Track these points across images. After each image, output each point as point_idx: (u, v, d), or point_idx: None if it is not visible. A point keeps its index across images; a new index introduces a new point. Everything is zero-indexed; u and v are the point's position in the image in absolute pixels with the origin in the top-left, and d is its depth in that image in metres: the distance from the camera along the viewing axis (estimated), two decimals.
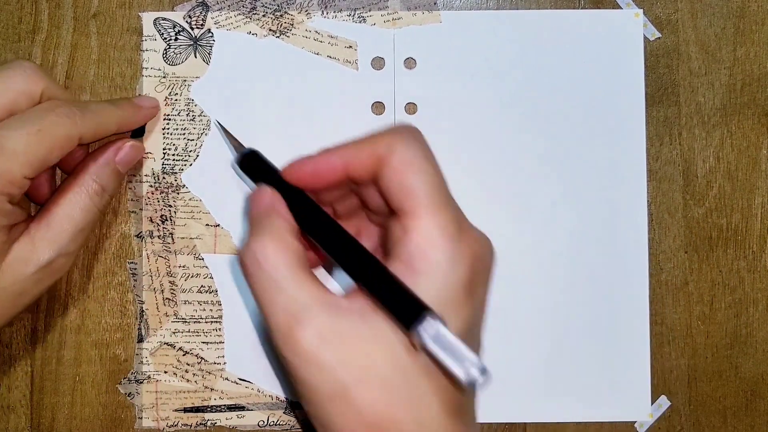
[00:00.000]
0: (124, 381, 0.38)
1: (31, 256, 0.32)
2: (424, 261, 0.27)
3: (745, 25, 0.39)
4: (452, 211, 0.28)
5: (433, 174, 0.28)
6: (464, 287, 0.27)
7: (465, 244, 0.27)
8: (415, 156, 0.28)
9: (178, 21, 0.38)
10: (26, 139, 0.31)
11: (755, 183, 0.39)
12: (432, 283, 0.27)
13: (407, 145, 0.29)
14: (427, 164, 0.28)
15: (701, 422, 0.38)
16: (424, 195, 0.28)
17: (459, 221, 0.28)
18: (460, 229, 0.27)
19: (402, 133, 0.29)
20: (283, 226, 0.29)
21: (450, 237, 0.27)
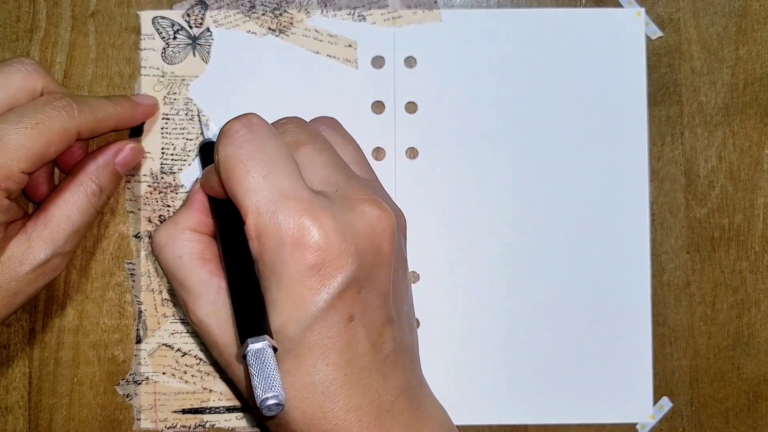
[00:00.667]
0: (123, 382, 0.38)
1: (27, 254, 0.32)
2: (261, 264, 0.28)
3: (748, 24, 0.39)
4: (278, 209, 0.27)
5: (250, 177, 0.27)
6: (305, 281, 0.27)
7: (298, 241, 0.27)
8: (232, 163, 0.28)
9: (176, 20, 0.38)
10: (24, 132, 0.31)
11: (757, 183, 0.38)
12: (271, 285, 0.27)
13: (224, 153, 0.28)
14: (242, 168, 0.28)
15: (703, 423, 0.38)
16: (244, 202, 0.28)
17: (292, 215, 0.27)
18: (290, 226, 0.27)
19: (221, 138, 0.29)
20: (187, 219, 0.31)
21: (276, 239, 0.27)
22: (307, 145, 0.30)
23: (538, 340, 0.38)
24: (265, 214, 0.27)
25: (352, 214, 0.28)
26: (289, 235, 0.27)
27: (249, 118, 0.29)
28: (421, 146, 0.38)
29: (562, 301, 0.38)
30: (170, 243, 0.31)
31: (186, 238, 0.31)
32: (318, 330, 0.27)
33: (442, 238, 0.38)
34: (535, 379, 0.37)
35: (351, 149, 0.33)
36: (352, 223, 0.28)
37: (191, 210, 0.32)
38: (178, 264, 0.31)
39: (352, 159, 0.32)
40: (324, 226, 0.27)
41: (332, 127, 0.33)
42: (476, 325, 0.38)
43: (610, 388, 0.37)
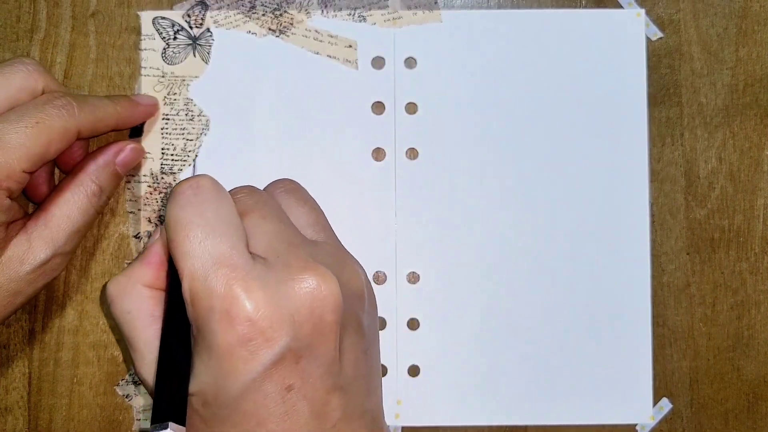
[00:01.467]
0: (122, 383, 0.37)
1: (27, 254, 0.32)
2: (195, 329, 0.27)
3: (748, 25, 0.39)
4: (212, 277, 0.26)
5: (188, 241, 0.27)
6: (235, 351, 0.26)
7: (229, 311, 0.26)
8: (174, 225, 0.28)
9: (176, 20, 0.38)
10: (24, 131, 0.31)
11: (757, 184, 0.38)
12: (203, 351, 0.27)
13: (169, 214, 0.28)
14: (183, 232, 0.27)
15: (703, 425, 0.38)
16: (179, 265, 0.27)
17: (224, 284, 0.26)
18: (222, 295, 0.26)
19: (169, 198, 0.29)
20: (142, 273, 0.31)
21: (208, 307, 0.26)
22: (254, 212, 0.29)
23: (538, 341, 0.38)
24: (198, 279, 0.26)
25: (290, 284, 0.27)
26: (220, 303, 0.26)
27: (197, 180, 0.29)
28: (421, 147, 0.38)
29: (562, 302, 0.38)
30: (120, 296, 0.30)
31: (137, 293, 0.30)
32: (252, 399, 0.26)
33: (442, 239, 0.38)
34: (534, 379, 0.37)
35: (304, 211, 0.32)
36: (288, 293, 0.27)
37: (145, 264, 0.31)
38: (126, 319, 0.30)
39: (307, 222, 0.31)
40: (255, 296, 0.26)
41: (288, 190, 0.32)
42: (476, 325, 0.38)
43: (610, 389, 0.37)
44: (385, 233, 0.38)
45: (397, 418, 0.37)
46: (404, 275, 0.38)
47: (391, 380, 0.37)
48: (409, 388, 0.37)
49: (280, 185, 0.33)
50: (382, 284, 0.38)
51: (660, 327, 0.38)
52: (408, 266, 0.38)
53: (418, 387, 0.37)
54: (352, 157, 0.38)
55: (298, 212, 0.31)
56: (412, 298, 0.38)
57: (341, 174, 0.38)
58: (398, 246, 0.38)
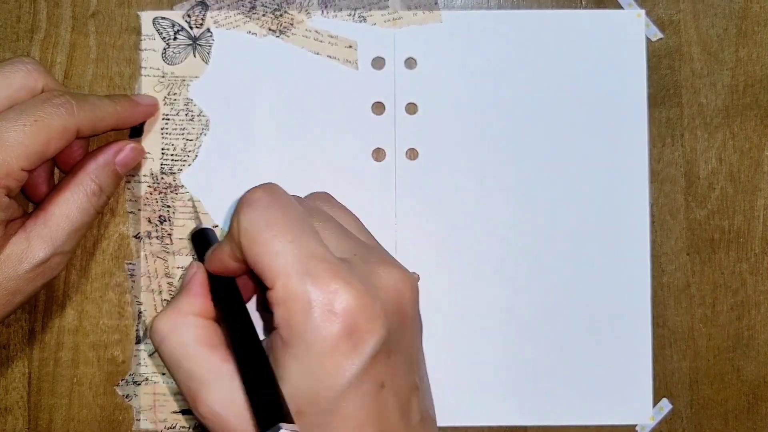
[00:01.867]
0: (122, 383, 0.37)
1: (26, 253, 0.32)
2: (287, 331, 0.26)
3: (748, 26, 0.39)
4: (308, 272, 0.26)
5: (277, 240, 0.27)
6: (338, 345, 0.26)
7: (330, 304, 0.26)
8: (257, 228, 0.27)
9: (177, 20, 0.38)
10: (23, 130, 0.31)
11: (757, 185, 0.38)
12: (300, 352, 0.26)
13: (248, 219, 0.28)
14: (269, 233, 0.27)
15: (703, 425, 0.38)
16: (272, 266, 0.27)
17: (322, 278, 0.26)
18: (321, 289, 0.26)
19: (242, 205, 0.28)
20: (190, 305, 0.30)
21: (306, 302, 0.26)
22: (313, 217, 0.29)
23: (538, 341, 0.38)
24: (294, 276, 0.26)
25: (376, 277, 0.27)
26: (320, 298, 0.26)
27: (270, 186, 0.29)
28: (421, 147, 0.38)
29: (562, 302, 0.38)
30: (174, 330, 0.29)
31: (191, 324, 0.29)
32: (352, 399, 0.25)
33: (442, 239, 0.38)
34: (534, 380, 0.37)
35: (351, 219, 0.32)
36: (378, 285, 0.27)
37: (192, 295, 0.30)
38: (184, 353, 0.29)
39: (356, 228, 0.31)
40: (355, 288, 0.26)
41: (327, 200, 0.32)
42: (476, 325, 0.38)
43: (609, 390, 0.37)
44: (385, 233, 0.38)
45: None
46: None
47: None
48: None
49: (320, 196, 0.33)
50: None
51: (660, 327, 0.38)
52: (408, 266, 0.38)
53: None
54: (352, 158, 0.38)
55: (346, 220, 0.31)
56: None
57: (341, 174, 0.38)
58: (398, 246, 0.38)
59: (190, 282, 0.31)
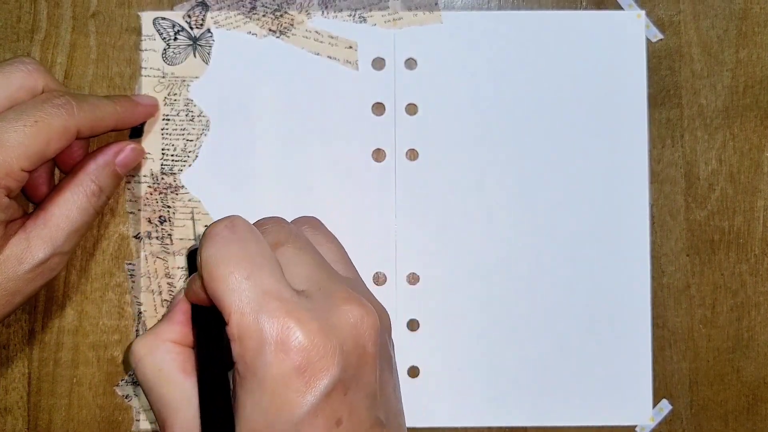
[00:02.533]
0: (122, 383, 0.37)
1: (26, 253, 0.32)
2: (242, 366, 0.27)
3: (748, 27, 0.39)
4: (262, 309, 0.26)
5: (233, 277, 0.27)
6: (290, 383, 0.26)
7: (282, 342, 0.26)
8: (215, 263, 0.27)
9: (177, 20, 0.38)
10: (23, 130, 0.31)
11: (757, 186, 0.38)
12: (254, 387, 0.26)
13: (207, 254, 0.28)
14: (225, 269, 0.27)
15: (703, 426, 0.38)
16: (226, 303, 0.27)
17: (276, 316, 0.26)
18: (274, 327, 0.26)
19: (204, 239, 0.28)
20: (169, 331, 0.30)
21: (259, 340, 0.26)
22: (287, 245, 0.29)
23: (537, 342, 0.38)
24: (247, 314, 0.26)
25: (335, 314, 0.27)
26: (273, 335, 0.26)
27: (232, 220, 0.28)
28: (422, 148, 0.38)
29: (562, 303, 0.38)
30: (150, 354, 0.29)
31: (166, 350, 0.29)
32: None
33: (442, 240, 0.38)
34: (534, 380, 0.37)
35: (333, 248, 0.32)
36: (335, 323, 0.27)
37: (172, 322, 0.30)
38: (158, 377, 0.29)
39: (334, 258, 0.31)
40: (307, 326, 0.26)
41: (313, 226, 0.32)
42: (475, 326, 0.38)
43: (609, 390, 0.37)
44: (385, 234, 0.38)
45: None
46: (404, 276, 0.38)
47: None
48: (408, 389, 0.37)
49: (304, 221, 0.33)
50: (382, 285, 0.38)
51: (660, 328, 0.38)
52: (408, 267, 0.38)
53: (418, 388, 0.37)
54: (352, 158, 0.38)
55: (326, 248, 0.31)
56: (412, 300, 0.38)
57: (341, 175, 0.38)
58: (398, 247, 0.38)
59: (172, 309, 0.31)
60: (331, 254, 0.31)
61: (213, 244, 0.28)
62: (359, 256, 0.37)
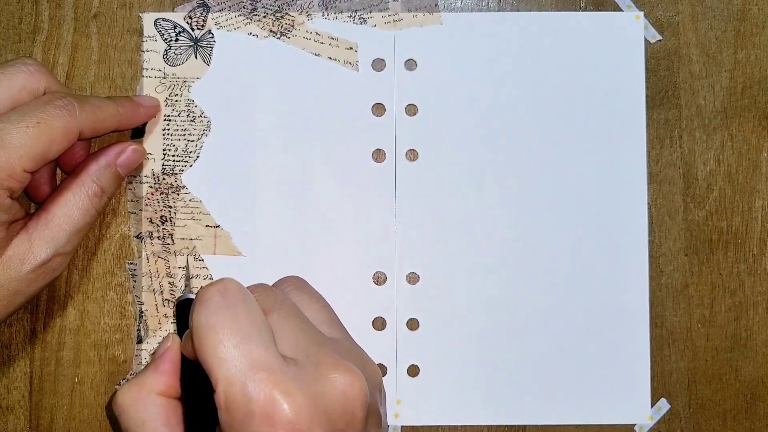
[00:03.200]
0: (123, 382, 0.38)
1: (27, 254, 0.32)
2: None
3: (746, 27, 0.39)
4: (249, 380, 0.26)
5: (222, 346, 0.27)
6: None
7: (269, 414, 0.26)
8: (205, 330, 0.27)
9: (178, 22, 0.38)
10: (25, 131, 0.31)
11: (756, 186, 0.39)
12: None
13: (198, 319, 0.28)
14: (215, 337, 0.27)
15: (701, 425, 0.38)
16: (214, 371, 0.27)
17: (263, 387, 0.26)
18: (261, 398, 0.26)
19: (196, 302, 0.28)
20: (155, 381, 0.30)
21: (246, 411, 0.26)
22: (274, 312, 0.29)
23: (536, 341, 0.38)
24: (235, 384, 0.26)
25: (323, 382, 0.27)
26: (260, 407, 0.26)
27: (224, 284, 0.28)
28: (421, 148, 0.38)
29: (560, 303, 0.38)
30: (134, 406, 0.29)
31: (151, 402, 0.29)
32: None
33: (442, 240, 0.38)
34: (533, 379, 0.38)
35: (318, 308, 0.32)
36: (324, 391, 0.27)
37: (159, 371, 0.30)
38: (141, 429, 0.29)
39: (321, 319, 0.31)
40: (295, 399, 0.26)
41: (298, 287, 0.32)
42: (475, 326, 0.38)
43: (608, 390, 0.38)
44: (385, 234, 0.38)
45: (397, 417, 0.37)
46: (404, 276, 0.38)
47: (391, 380, 0.37)
48: (408, 388, 0.38)
49: (288, 282, 0.33)
50: (382, 284, 0.38)
51: (658, 328, 0.38)
52: (408, 267, 0.38)
53: (418, 387, 0.38)
54: (352, 159, 0.38)
55: (312, 309, 0.31)
56: (412, 299, 0.38)
57: (341, 175, 0.38)
58: (398, 247, 0.38)
59: (161, 357, 0.31)
60: (318, 315, 0.31)
61: (204, 309, 0.28)
62: (359, 256, 0.38)
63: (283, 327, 0.29)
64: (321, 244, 0.38)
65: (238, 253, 0.38)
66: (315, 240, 0.38)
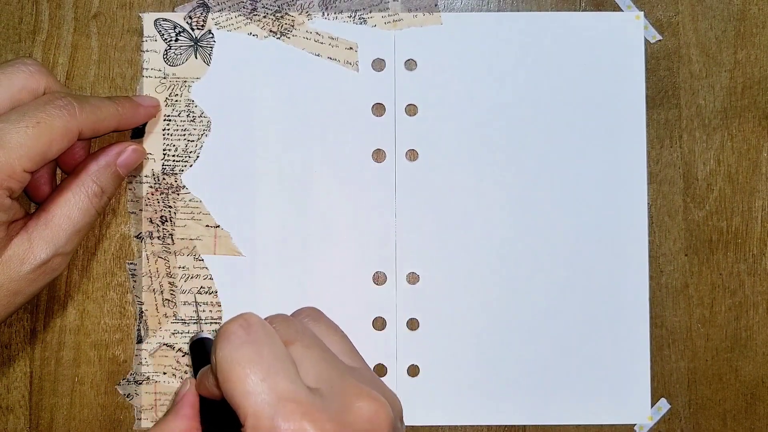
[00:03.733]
0: (123, 382, 0.38)
1: (27, 254, 0.32)
2: None
3: (746, 27, 0.39)
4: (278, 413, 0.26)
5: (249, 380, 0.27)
6: None
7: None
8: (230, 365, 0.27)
9: (178, 22, 0.38)
10: (25, 131, 0.31)
11: (755, 186, 0.39)
12: None
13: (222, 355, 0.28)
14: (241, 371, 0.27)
15: (701, 425, 0.38)
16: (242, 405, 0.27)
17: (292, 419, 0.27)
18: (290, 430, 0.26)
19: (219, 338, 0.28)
20: (176, 427, 0.30)
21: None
22: (296, 343, 0.29)
23: (536, 341, 0.38)
24: (264, 417, 0.26)
25: (349, 411, 0.27)
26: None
27: (246, 319, 0.29)
28: (421, 148, 0.38)
29: (560, 303, 0.38)
30: None
31: None
32: None
33: (442, 240, 0.38)
34: (533, 379, 0.38)
35: (337, 339, 0.32)
36: (350, 420, 0.27)
37: (179, 416, 0.30)
38: None
39: (340, 349, 0.31)
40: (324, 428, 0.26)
41: (315, 318, 0.33)
42: (475, 325, 0.38)
43: (608, 389, 0.38)
44: (385, 234, 0.38)
45: None
46: (404, 276, 0.38)
47: (391, 380, 0.38)
48: (408, 388, 0.38)
49: (305, 313, 0.33)
50: (382, 284, 0.38)
51: (658, 328, 0.38)
52: (408, 267, 0.38)
53: (418, 387, 0.38)
54: (352, 159, 0.38)
55: (331, 340, 0.32)
56: (412, 299, 0.38)
57: (342, 175, 0.38)
58: (398, 247, 0.38)
59: (180, 401, 0.31)
60: (337, 346, 0.32)
61: (228, 345, 0.28)
62: (359, 256, 0.38)
63: (306, 358, 0.29)
64: (321, 244, 0.38)
65: (238, 253, 0.38)
66: (315, 240, 0.38)
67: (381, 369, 0.38)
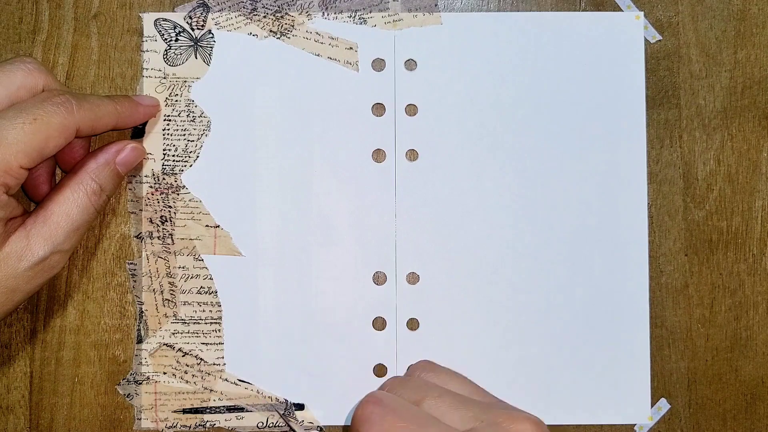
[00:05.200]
0: (123, 382, 0.38)
1: (25, 251, 0.32)
2: None
3: (746, 27, 0.39)
4: None
5: None
6: None
7: None
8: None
9: (178, 22, 0.38)
10: (22, 128, 0.31)
11: (755, 186, 0.39)
12: None
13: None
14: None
15: (701, 425, 0.38)
16: None
17: None
18: None
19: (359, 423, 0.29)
20: None
21: None
22: (427, 399, 0.30)
23: (536, 342, 0.38)
24: None
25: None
26: None
27: (374, 396, 0.30)
28: (421, 148, 0.38)
29: (560, 303, 0.38)
30: None
31: None
32: None
33: (442, 240, 0.38)
34: (533, 379, 0.38)
35: (460, 381, 0.33)
36: None
37: None
38: None
39: (468, 390, 0.32)
40: None
41: (432, 369, 0.33)
42: (475, 326, 0.38)
43: (608, 389, 0.38)
44: (385, 234, 0.38)
45: None
46: (404, 276, 0.38)
47: None
48: None
49: (421, 367, 0.34)
50: (382, 284, 0.38)
51: (658, 328, 0.38)
52: (408, 267, 0.38)
53: None
54: (352, 159, 0.38)
55: (455, 385, 0.32)
56: (412, 299, 0.38)
57: (341, 175, 0.38)
58: (398, 247, 0.38)
59: None
60: (464, 388, 0.32)
61: (371, 424, 0.28)
62: (359, 256, 0.38)
63: (442, 407, 0.30)
64: (321, 244, 0.38)
65: (238, 253, 0.38)
66: (315, 240, 0.38)
67: (381, 369, 0.38)
